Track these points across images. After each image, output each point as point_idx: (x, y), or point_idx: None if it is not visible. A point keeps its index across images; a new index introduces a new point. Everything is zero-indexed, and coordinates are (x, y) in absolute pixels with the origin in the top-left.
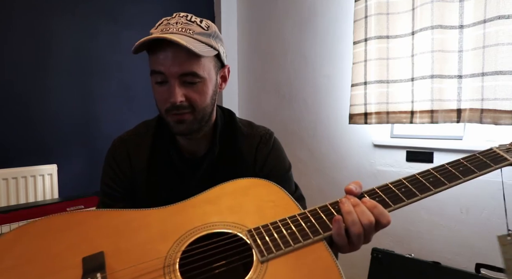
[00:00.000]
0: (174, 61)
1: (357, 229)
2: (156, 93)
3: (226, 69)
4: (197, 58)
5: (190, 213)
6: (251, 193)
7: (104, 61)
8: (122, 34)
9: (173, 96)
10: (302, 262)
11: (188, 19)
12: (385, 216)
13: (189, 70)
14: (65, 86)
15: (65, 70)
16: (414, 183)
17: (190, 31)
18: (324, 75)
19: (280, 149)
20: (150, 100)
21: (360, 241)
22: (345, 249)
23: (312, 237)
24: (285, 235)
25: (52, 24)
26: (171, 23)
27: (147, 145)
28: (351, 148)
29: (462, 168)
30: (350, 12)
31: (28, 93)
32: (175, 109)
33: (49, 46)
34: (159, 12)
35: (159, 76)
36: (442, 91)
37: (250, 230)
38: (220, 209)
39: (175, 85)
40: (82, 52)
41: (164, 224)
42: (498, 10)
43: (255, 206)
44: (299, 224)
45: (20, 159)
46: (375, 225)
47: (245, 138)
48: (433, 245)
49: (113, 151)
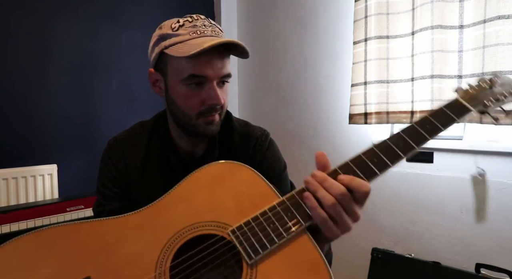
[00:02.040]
0: (219, 63)
1: (329, 201)
2: (188, 96)
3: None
4: (229, 59)
5: (167, 216)
6: (226, 182)
7: (104, 61)
8: (122, 34)
9: (216, 99)
10: (288, 259)
11: (209, 21)
12: (361, 185)
13: (227, 72)
14: (65, 86)
15: (65, 70)
16: (385, 151)
17: (220, 33)
18: (324, 75)
19: (276, 149)
20: (150, 100)
21: (341, 215)
22: (333, 231)
23: (294, 230)
24: (269, 232)
25: (52, 24)
26: (206, 25)
27: (142, 145)
28: (351, 148)
29: (428, 126)
30: (350, 12)
31: (28, 93)
32: (212, 110)
33: (49, 46)
34: (159, 12)
35: (198, 79)
36: (442, 91)
37: (234, 230)
38: (196, 207)
39: (216, 87)
40: (82, 52)
41: (142, 232)
42: (498, 10)
43: (232, 199)
44: (281, 217)
45: (20, 159)
46: (353, 195)
47: (242, 139)
48: (433, 245)
49: (108, 151)
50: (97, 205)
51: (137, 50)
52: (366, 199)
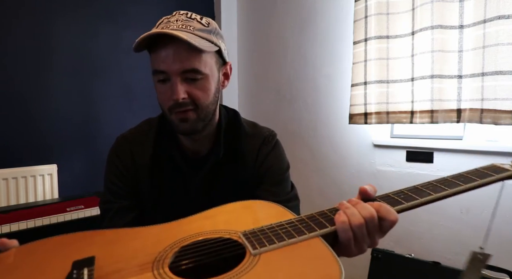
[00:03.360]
0: (175, 58)
1: (357, 220)
2: (158, 92)
3: (228, 66)
4: (198, 54)
5: (185, 226)
6: (250, 209)
7: (104, 61)
8: (122, 34)
9: (175, 93)
10: (296, 253)
11: (188, 16)
12: (389, 213)
13: (191, 66)
14: (65, 86)
15: (65, 70)
16: (414, 190)
17: (191, 27)
18: (324, 75)
19: (281, 149)
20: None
21: (363, 237)
22: (350, 249)
23: (307, 233)
24: (279, 233)
25: (53, 24)
26: (171, 21)
27: (150, 143)
28: (351, 148)
29: (463, 178)
30: (350, 12)
31: (28, 93)
32: (178, 106)
33: (50, 46)
34: (159, 12)
35: (161, 75)
36: (442, 91)
37: (245, 232)
38: (215, 222)
39: (177, 82)
40: (82, 52)
41: (158, 235)
42: (498, 10)
43: (252, 219)
44: (295, 225)
45: (20, 159)
46: (379, 221)
47: (248, 139)
48: (433, 245)
49: (116, 149)
50: (104, 202)
51: None
52: (390, 228)
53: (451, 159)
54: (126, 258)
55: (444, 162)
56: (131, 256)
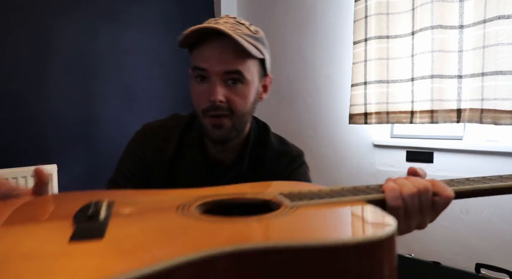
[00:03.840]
0: (220, 57)
1: (409, 189)
2: (194, 91)
3: (268, 79)
4: (243, 58)
5: (213, 190)
6: (286, 183)
7: (104, 61)
8: (122, 34)
9: (213, 94)
10: (341, 209)
11: (237, 20)
12: (445, 189)
13: (234, 68)
14: (65, 86)
15: (65, 70)
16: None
17: (239, 31)
18: (324, 75)
19: (306, 170)
20: (150, 100)
21: (414, 208)
22: (399, 222)
23: (352, 195)
24: (321, 195)
25: (53, 24)
26: (220, 23)
27: (174, 141)
28: (351, 148)
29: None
30: (350, 12)
31: (28, 93)
32: (213, 109)
33: (50, 46)
34: (159, 12)
35: (201, 72)
36: (442, 91)
37: (281, 192)
38: (246, 187)
39: (217, 83)
40: (82, 52)
41: (183, 192)
42: (498, 10)
43: (288, 188)
44: (338, 192)
45: (20, 159)
46: (433, 196)
47: (275, 155)
48: (433, 245)
49: (140, 137)
50: (112, 182)
51: (137, 50)
52: (444, 207)
53: (451, 159)
54: (147, 202)
55: (444, 162)
56: (153, 201)
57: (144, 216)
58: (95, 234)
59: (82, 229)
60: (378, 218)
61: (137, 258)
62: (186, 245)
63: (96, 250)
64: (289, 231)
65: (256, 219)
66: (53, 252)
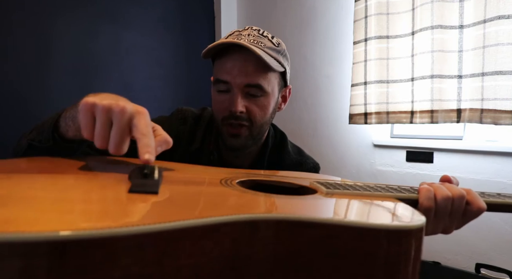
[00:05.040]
0: (241, 70)
1: (444, 192)
2: (215, 100)
3: (287, 89)
4: (264, 71)
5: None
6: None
7: (104, 61)
8: (122, 34)
9: (234, 105)
10: (372, 201)
11: (260, 33)
12: (479, 199)
13: (255, 82)
14: (65, 86)
15: (65, 70)
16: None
17: (262, 44)
18: (324, 75)
19: None
20: (150, 101)
21: (445, 212)
22: (428, 223)
23: (384, 192)
24: (355, 187)
25: (53, 24)
26: (243, 34)
27: (199, 137)
28: (351, 148)
29: None
30: (350, 12)
31: (28, 92)
32: (233, 118)
33: (50, 46)
34: (159, 12)
35: (223, 85)
36: (442, 91)
37: (317, 180)
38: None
39: (238, 94)
40: (82, 52)
41: (222, 169)
42: (498, 10)
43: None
44: (372, 187)
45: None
46: (465, 205)
47: (291, 164)
48: (433, 245)
49: (174, 119)
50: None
51: (137, 50)
52: (473, 217)
53: (451, 159)
54: (192, 171)
55: (444, 162)
56: (197, 171)
57: (193, 182)
58: (151, 189)
59: (138, 184)
60: (410, 213)
61: (191, 212)
62: (234, 207)
63: (153, 201)
64: (327, 211)
65: (297, 197)
66: (116, 198)
